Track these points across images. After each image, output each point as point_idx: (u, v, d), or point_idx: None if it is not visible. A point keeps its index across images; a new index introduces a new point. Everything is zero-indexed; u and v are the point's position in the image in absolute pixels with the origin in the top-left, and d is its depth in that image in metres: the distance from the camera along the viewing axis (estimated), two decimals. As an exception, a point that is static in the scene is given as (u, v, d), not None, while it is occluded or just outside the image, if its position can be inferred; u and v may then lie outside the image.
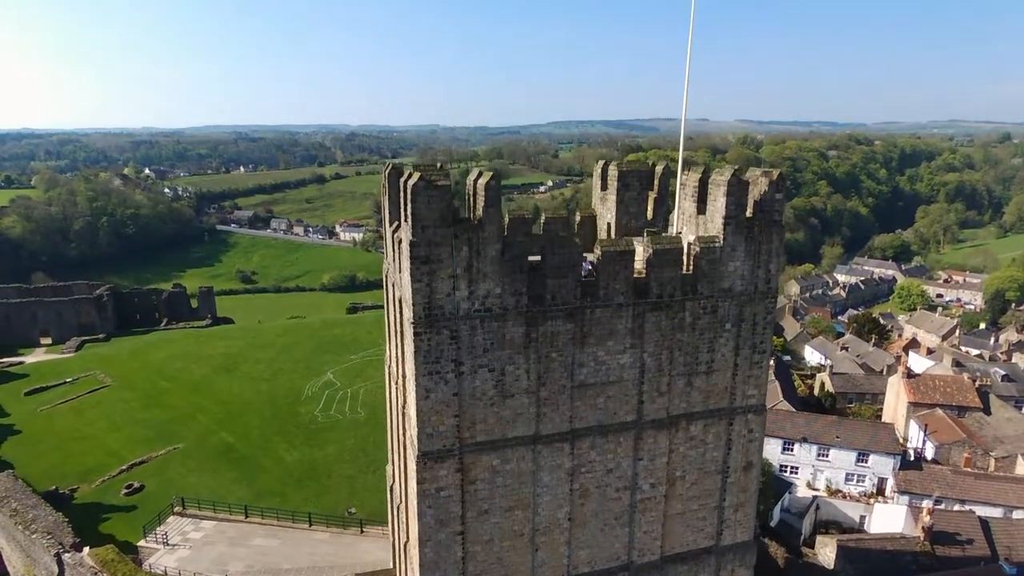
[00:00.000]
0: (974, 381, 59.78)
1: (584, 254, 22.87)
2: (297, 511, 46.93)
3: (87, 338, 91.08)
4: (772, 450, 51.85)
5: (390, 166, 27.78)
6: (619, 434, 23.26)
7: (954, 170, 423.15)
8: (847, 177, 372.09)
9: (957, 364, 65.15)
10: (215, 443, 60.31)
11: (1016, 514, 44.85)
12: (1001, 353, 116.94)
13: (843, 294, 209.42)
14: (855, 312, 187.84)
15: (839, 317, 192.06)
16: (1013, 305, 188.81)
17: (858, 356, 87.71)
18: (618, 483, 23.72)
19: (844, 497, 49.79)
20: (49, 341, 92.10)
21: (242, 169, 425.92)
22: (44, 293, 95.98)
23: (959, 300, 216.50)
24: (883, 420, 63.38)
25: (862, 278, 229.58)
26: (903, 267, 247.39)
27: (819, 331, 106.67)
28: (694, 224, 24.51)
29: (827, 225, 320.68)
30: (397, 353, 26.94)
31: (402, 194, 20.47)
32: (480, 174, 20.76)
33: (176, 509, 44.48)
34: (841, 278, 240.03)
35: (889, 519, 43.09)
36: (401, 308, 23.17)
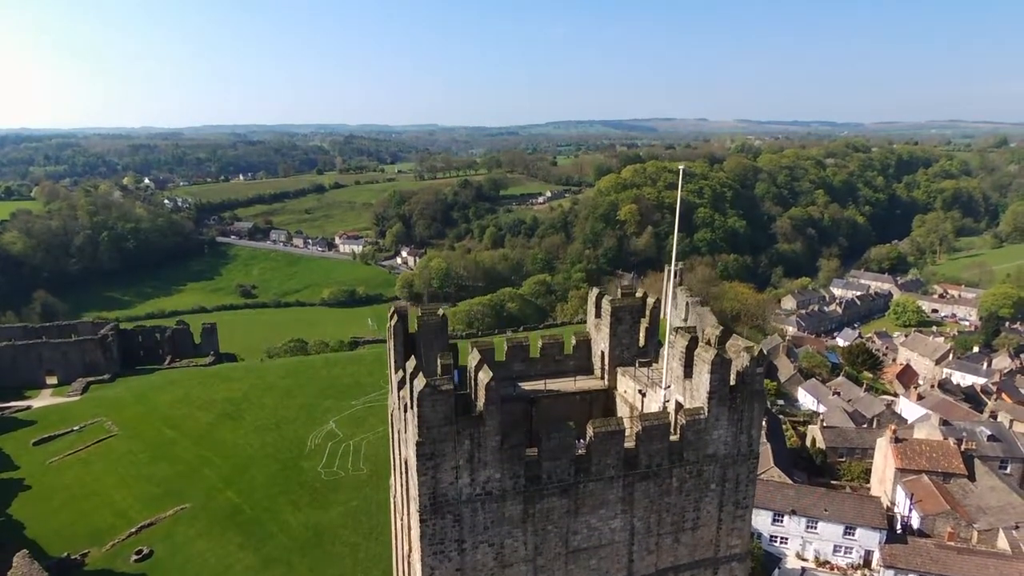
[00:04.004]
0: (960, 443, 61.44)
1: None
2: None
3: (92, 379, 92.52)
4: (763, 521, 53.62)
5: (394, 312, 29.33)
6: (610, 589, 24.82)
7: (951, 177, 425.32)
8: (844, 185, 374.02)
9: (944, 423, 66.79)
10: (221, 503, 61.78)
11: (996, 591, 46.57)
12: (992, 384, 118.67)
13: (839, 310, 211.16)
14: (851, 331, 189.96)
15: (835, 335, 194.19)
16: (1007, 323, 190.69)
17: (849, 401, 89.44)
18: (610, 633, 25.27)
19: (832, 568, 51.52)
20: (55, 381, 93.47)
21: (241, 177, 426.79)
22: (49, 333, 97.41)
23: (954, 316, 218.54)
24: (872, 478, 65.23)
25: (858, 293, 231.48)
26: (899, 280, 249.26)
27: (813, 366, 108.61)
28: (681, 385, 26.06)
29: (824, 235, 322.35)
30: (402, 492, 28.52)
31: (408, 396, 22.05)
32: (481, 365, 22.31)
33: (188, 601, 45.93)
34: (837, 292, 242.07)
35: (873, 599, 44.68)
36: (407, 470, 24.75)
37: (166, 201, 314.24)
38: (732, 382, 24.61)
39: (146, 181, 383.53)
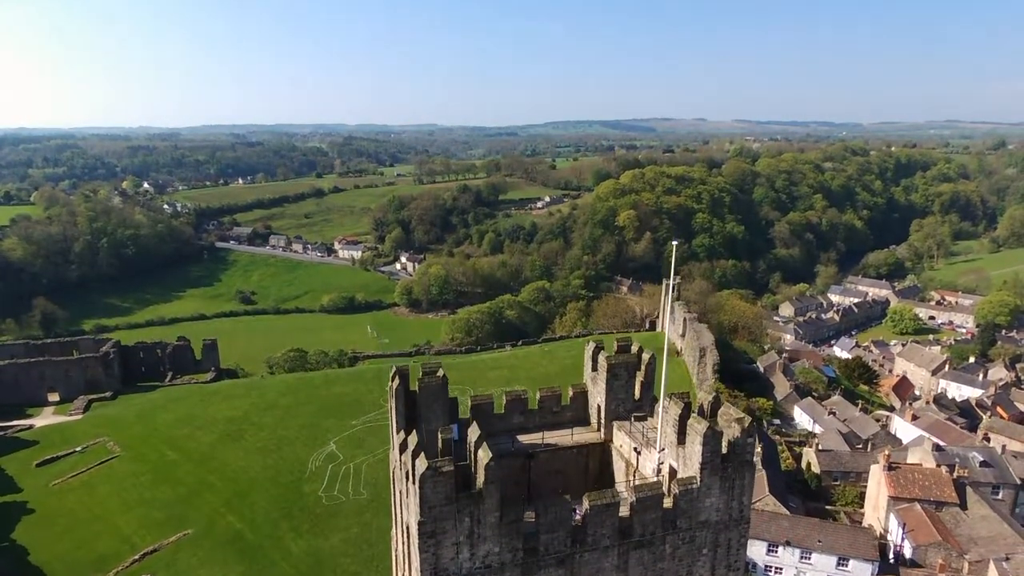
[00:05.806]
0: (952, 470, 62.36)
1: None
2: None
3: (94, 397, 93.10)
4: (757, 551, 54.52)
5: (396, 374, 30.05)
6: (606, 652, 25.57)
7: (949, 180, 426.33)
8: (842, 190, 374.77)
9: (938, 449, 67.73)
10: (223, 528, 62.37)
11: (986, 624, 47.37)
12: (987, 397, 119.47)
13: (837, 318, 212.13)
14: (848, 340, 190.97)
15: (832, 343, 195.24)
16: (1003, 331, 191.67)
17: (844, 421, 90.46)
18: None
19: (825, 599, 52.48)
20: (57, 398, 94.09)
21: (240, 180, 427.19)
22: (51, 350, 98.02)
23: (951, 323, 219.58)
24: (866, 504, 66.13)
25: (856, 300, 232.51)
26: (896, 286, 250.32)
27: (809, 381, 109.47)
28: (675, 451, 26.86)
29: (822, 240, 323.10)
30: (403, 550, 29.27)
31: (411, 471, 22.80)
32: (481, 442, 23.06)
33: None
34: (835, 298, 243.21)
35: (866, 633, 45.51)
36: (409, 536, 25.49)
37: (165, 206, 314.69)
38: (724, 451, 25.45)
39: (145, 185, 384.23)
